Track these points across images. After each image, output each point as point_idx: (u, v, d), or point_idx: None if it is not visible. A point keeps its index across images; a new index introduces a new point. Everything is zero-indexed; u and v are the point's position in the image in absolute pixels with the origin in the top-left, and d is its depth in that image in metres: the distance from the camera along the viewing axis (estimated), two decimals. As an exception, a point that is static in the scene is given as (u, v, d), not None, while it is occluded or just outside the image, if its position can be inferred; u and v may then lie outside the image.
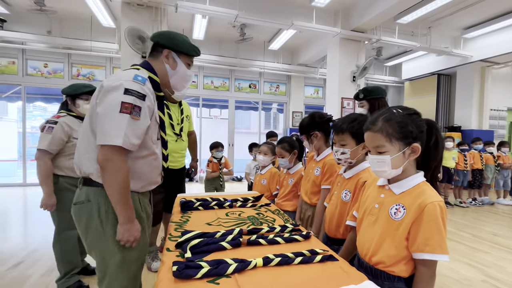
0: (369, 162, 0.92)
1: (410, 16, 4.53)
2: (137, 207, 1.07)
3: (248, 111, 8.74)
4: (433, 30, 5.38)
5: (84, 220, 1.02)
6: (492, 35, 5.43)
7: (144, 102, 0.99)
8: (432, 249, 0.78)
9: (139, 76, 1.01)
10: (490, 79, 6.35)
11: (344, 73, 4.82)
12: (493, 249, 2.88)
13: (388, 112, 0.88)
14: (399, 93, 8.46)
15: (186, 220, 1.27)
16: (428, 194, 0.82)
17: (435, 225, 0.78)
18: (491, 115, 6.44)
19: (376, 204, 0.92)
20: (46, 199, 1.74)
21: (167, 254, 0.91)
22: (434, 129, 0.89)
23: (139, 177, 1.06)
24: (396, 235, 0.84)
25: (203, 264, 0.79)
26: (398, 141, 0.85)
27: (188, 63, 1.19)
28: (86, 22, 5.37)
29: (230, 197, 1.61)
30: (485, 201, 4.97)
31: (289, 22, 4.25)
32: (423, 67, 6.88)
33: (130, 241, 1.00)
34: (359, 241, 0.97)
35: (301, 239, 1.05)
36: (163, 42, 1.13)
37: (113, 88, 0.96)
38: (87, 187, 1.02)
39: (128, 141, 0.94)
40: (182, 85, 1.21)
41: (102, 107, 0.95)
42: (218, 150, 3.52)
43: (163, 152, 1.19)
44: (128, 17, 3.82)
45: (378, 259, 0.88)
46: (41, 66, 5.64)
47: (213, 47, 6.40)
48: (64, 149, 1.80)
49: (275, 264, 0.85)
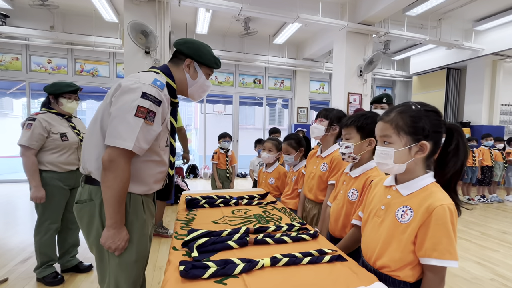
0: (375, 154, 0.88)
1: (420, 8, 4.39)
2: (139, 207, 1.04)
3: (252, 107, 8.68)
4: (443, 23, 5.22)
5: (86, 219, 1.01)
6: (504, 27, 5.25)
7: (159, 108, 0.98)
8: (440, 255, 0.74)
9: (158, 81, 1.00)
10: (502, 73, 6.18)
11: (351, 67, 4.72)
12: (502, 247, 2.83)
13: (404, 105, 0.84)
14: (407, 88, 8.31)
15: (192, 218, 1.25)
16: (437, 197, 0.77)
17: (444, 229, 0.74)
18: (502, 110, 6.29)
19: (382, 205, 0.88)
20: (35, 192, 1.81)
21: (174, 253, 0.89)
22: (457, 133, 0.83)
23: (143, 181, 1.04)
24: (402, 238, 0.80)
25: (210, 264, 0.77)
26: (406, 135, 0.80)
27: (209, 73, 1.19)
28: (88, 17, 5.35)
29: (235, 195, 1.60)
30: (494, 198, 4.87)
31: (294, 15, 4.16)
32: (432, 61, 6.72)
33: (111, 248, 0.96)
34: (364, 243, 0.94)
35: (309, 238, 1.03)
36: (187, 52, 1.12)
37: (131, 90, 0.94)
38: (90, 186, 1.00)
39: (138, 145, 0.93)
40: (199, 95, 1.21)
41: (116, 107, 0.93)
42: (225, 140, 3.50)
43: (170, 159, 1.17)
44: (130, 12, 3.78)
45: (383, 263, 0.84)
46: (45, 62, 5.65)
47: (217, 41, 6.34)
48: (45, 145, 1.86)
49: (283, 264, 0.83)
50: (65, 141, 1.91)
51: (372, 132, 1.15)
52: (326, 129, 1.55)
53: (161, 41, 3.88)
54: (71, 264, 2.09)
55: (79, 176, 2.00)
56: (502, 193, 5.36)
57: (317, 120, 1.61)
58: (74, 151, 1.98)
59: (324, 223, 1.41)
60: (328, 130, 1.55)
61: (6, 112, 13.00)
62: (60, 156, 1.91)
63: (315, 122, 1.62)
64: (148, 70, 1.09)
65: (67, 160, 1.94)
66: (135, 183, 1.01)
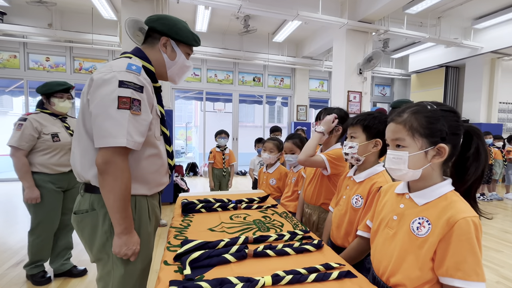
0: (386, 159, 0.80)
1: (420, 5, 4.38)
2: (144, 212, 0.98)
3: (252, 105, 8.67)
4: (442, 21, 5.22)
5: (88, 230, 0.92)
6: (503, 25, 5.26)
7: (143, 94, 0.88)
8: (465, 276, 0.64)
9: (132, 65, 0.89)
10: (500, 71, 6.19)
11: (351, 65, 4.71)
12: (505, 247, 2.81)
13: (418, 105, 0.76)
14: (405, 86, 8.31)
15: (187, 225, 1.17)
16: (459, 208, 0.69)
17: (469, 245, 0.65)
18: (500, 108, 6.31)
19: (395, 215, 0.79)
20: (28, 193, 1.78)
21: (164, 269, 0.81)
22: (476, 136, 0.75)
23: (145, 179, 0.96)
24: (419, 254, 0.71)
25: (203, 285, 0.69)
26: (421, 138, 0.72)
27: (188, 52, 1.08)
28: (87, 14, 5.30)
29: (234, 198, 1.53)
30: (493, 196, 4.89)
31: (294, 13, 4.14)
32: (430, 59, 6.72)
33: (127, 255, 0.90)
34: (374, 256, 0.85)
35: (313, 249, 0.94)
36: (161, 29, 1.00)
37: (106, 82, 0.84)
38: (91, 194, 0.91)
39: (132, 140, 0.84)
40: (180, 77, 1.10)
41: (95, 104, 0.83)
42: (221, 137, 3.42)
43: (167, 148, 1.07)
44: (128, 9, 3.74)
45: (397, 280, 0.75)
46: (43, 60, 5.60)
47: (217, 39, 6.30)
48: (36, 145, 1.82)
49: (286, 283, 0.74)
50: (57, 142, 1.86)
51: (379, 133, 1.10)
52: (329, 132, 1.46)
53: (160, 39, 3.85)
54: (65, 268, 2.03)
55: (72, 178, 1.96)
56: (501, 191, 5.39)
57: (318, 122, 1.51)
58: (67, 152, 1.93)
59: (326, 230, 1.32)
60: (331, 132, 1.46)
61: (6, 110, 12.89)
62: (51, 158, 1.86)
63: (316, 125, 1.51)
64: (120, 57, 0.98)
65: (59, 162, 1.89)
66: (138, 183, 0.94)
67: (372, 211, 0.94)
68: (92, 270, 2.12)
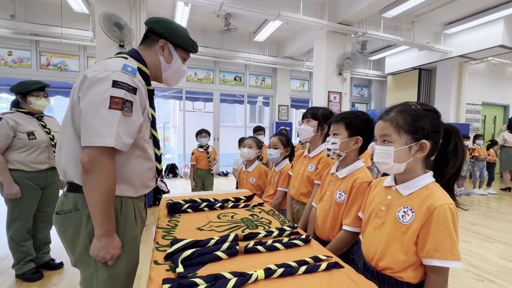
0: (374, 154, 0.87)
1: (395, 10, 4.55)
2: (130, 214, 0.95)
3: (233, 104, 8.57)
4: (416, 25, 5.46)
5: (71, 231, 0.89)
6: (470, 31, 5.60)
7: (136, 96, 0.88)
8: (442, 255, 0.74)
9: (128, 66, 0.89)
10: (467, 74, 6.60)
11: (331, 66, 4.79)
12: (473, 238, 3.00)
13: (404, 105, 0.85)
14: (382, 87, 8.63)
15: (175, 225, 1.16)
16: (437, 196, 0.78)
17: (446, 229, 0.74)
18: (467, 109, 6.72)
19: (383, 206, 0.88)
20: (7, 189, 1.83)
21: (155, 269, 0.80)
22: (454, 134, 0.84)
23: (132, 181, 0.94)
24: (404, 239, 0.80)
25: (198, 281, 0.70)
26: (406, 134, 0.81)
27: (184, 57, 1.09)
28: (55, 6, 4.93)
29: (220, 197, 1.52)
30: (462, 191, 5.21)
31: (276, 13, 4.12)
32: (405, 62, 7.02)
33: (105, 259, 0.87)
34: (365, 244, 0.93)
35: (301, 244, 0.98)
36: (161, 32, 1.00)
37: (99, 80, 0.83)
38: (74, 194, 0.89)
39: (121, 141, 0.83)
40: (175, 80, 1.11)
41: (87, 102, 0.82)
42: (202, 136, 3.42)
43: (155, 152, 1.06)
44: (102, 2, 3.52)
45: (385, 264, 0.84)
46: (5, 54, 5.13)
47: (196, 37, 6.14)
48: (12, 143, 1.87)
49: (278, 275, 0.77)
50: (33, 140, 1.91)
51: (360, 131, 1.18)
52: (315, 130, 1.50)
53: (136, 34, 3.67)
54: (42, 261, 2.11)
55: (50, 175, 2.05)
56: (469, 186, 5.76)
57: (304, 121, 1.54)
58: (44, 150, 1.97)
59: (310, 225, 1.37)
60: (317, 131, 1.50)
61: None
62: (28, 155, 1.90)
63: (303, 123, 1.54)
64: (115, 56, 0.97)
65: (36, 159, 1.93)
66: (125, 184, 0.92)
67: (363, 204, 1.01)
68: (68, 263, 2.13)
